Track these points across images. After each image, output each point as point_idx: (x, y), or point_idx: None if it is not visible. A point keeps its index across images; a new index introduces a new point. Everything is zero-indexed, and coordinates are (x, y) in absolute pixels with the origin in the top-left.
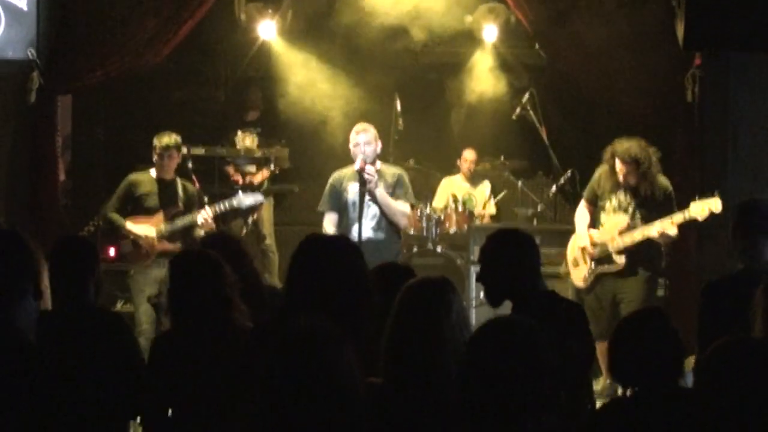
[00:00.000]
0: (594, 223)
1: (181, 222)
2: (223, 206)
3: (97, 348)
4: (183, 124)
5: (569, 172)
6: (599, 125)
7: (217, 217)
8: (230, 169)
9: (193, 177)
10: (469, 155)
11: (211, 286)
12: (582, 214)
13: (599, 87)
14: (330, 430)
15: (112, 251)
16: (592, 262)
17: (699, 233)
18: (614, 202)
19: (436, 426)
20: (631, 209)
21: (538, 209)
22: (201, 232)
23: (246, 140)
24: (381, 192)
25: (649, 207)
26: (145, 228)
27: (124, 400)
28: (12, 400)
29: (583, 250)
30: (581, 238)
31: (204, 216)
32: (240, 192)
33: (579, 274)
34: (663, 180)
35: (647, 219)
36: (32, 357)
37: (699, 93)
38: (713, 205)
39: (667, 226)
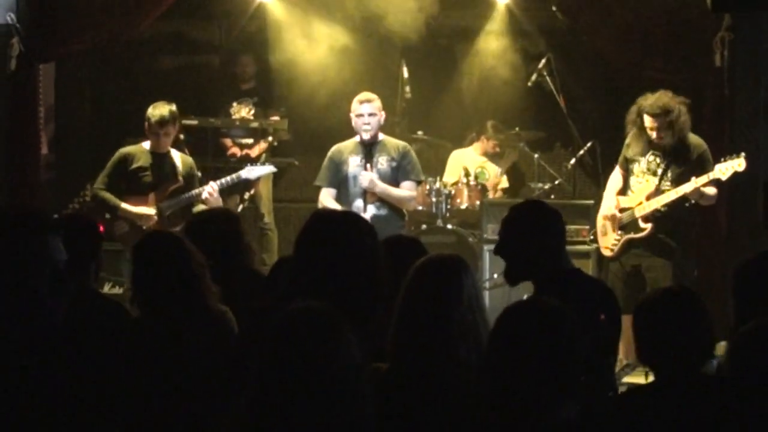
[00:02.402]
0: (626, 189)
1: (183, 198)
2: (230, 179)
3: (97, 338)
4: (174, 93)
5: (590, 144)
6: (621, 92)
7: (223, 192)
8: (228, 142)
9: (185, 150)
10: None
11: (174, 267)
12: (614, 179)
13: (621, 51)
14: (328, 426)
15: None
16: (619, 230)
17: (730, 208)
18: (643, 164)
19: (444, 413)
20: (660, 171)
21: (556, 183)
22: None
23: (242, 110)
24: (381, 188)
25: (681, 167)
26: (142, 207)
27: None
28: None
29: (611, 217)
30: (608, 204)
31: (209, 190)
32: (249, 164)
33: (606, 242)
34: (695, 138)
35: (679, 181)
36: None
37: (728, 57)
38: (737, 164)
39: (691, 187)
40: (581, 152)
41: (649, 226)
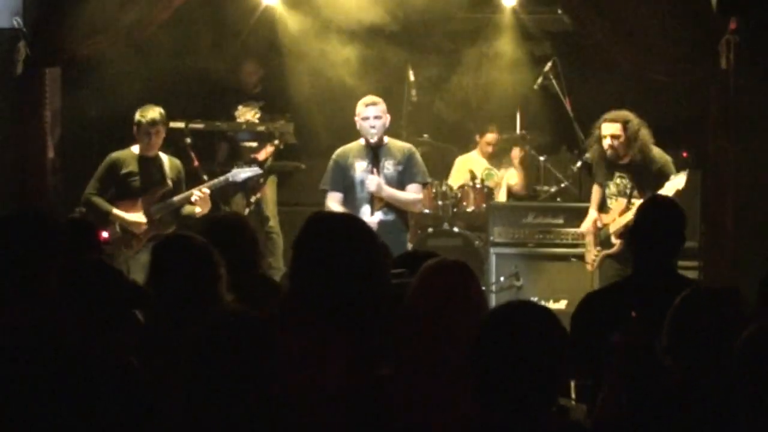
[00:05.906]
0: (603, 205)
1: (173, 202)
2: (218, 182)
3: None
4: (181, 97)
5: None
6: (627, 95)
7: (214, 195)
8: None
9: (192, 153)
10: (491, 138)
11: (194, 275)
12: (596, 192)
13: (628, 54)
14: None
15: (105, 234)
16: (597, 246)
17: (736, 209)
18: (612, 188)
19: (445, 416)
20: (628, 191)
21: (562, 186)
22: (195, 210)
23: (247, 114)
24: (387, 192)
25: (645, 185)
26: (133, 214)
27: None
28: None
29: (590, 232)
30: (590, 219)
31: (198, 194)
32: (235, 166)
33: (588, 257)
34: (658, 152)
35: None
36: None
37: (734, 60)
38: (678, 182)
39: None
40: (587, 155)
41: (618, 242)
